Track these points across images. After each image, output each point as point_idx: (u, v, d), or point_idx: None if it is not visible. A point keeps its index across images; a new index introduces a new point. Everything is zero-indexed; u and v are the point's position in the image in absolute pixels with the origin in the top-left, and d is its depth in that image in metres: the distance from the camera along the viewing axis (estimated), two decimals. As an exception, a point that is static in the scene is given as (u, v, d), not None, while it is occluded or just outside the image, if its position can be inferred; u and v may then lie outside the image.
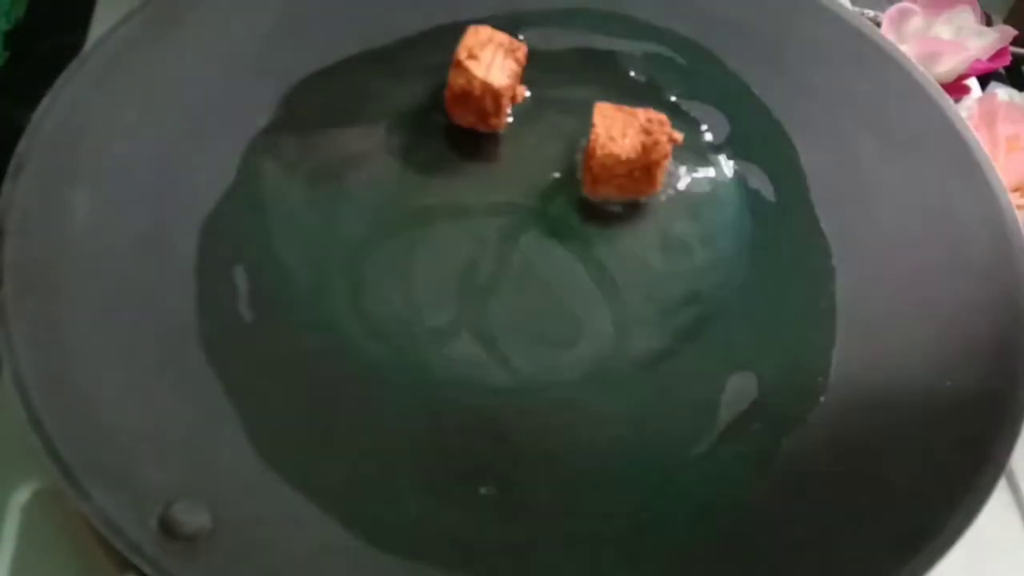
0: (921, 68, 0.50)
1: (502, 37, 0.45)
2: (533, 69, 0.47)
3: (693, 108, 0.48)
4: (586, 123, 0.44)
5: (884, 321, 0.43)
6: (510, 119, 0.46)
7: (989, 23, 0.60)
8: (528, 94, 0.47)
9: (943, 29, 0.57)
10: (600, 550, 0.36)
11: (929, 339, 0.42)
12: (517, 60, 0.45)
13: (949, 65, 0.56)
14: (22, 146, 0.42)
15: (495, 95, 0.45)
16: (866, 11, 0.58)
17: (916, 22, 0.58)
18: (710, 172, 0.47)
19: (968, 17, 0.58)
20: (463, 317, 0.41)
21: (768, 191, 0.46)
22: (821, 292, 0.43)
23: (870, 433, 0.40)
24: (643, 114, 0.44)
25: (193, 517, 0.34)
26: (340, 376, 0.39)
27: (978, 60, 0.56)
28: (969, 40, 0.57)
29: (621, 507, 0.37)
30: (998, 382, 0.41)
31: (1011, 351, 0.41)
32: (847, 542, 0.37)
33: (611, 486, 0.38)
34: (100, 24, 0.51)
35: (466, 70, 0.44)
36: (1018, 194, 0.51)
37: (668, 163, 0.45)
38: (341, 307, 0.41)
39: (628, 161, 0.43)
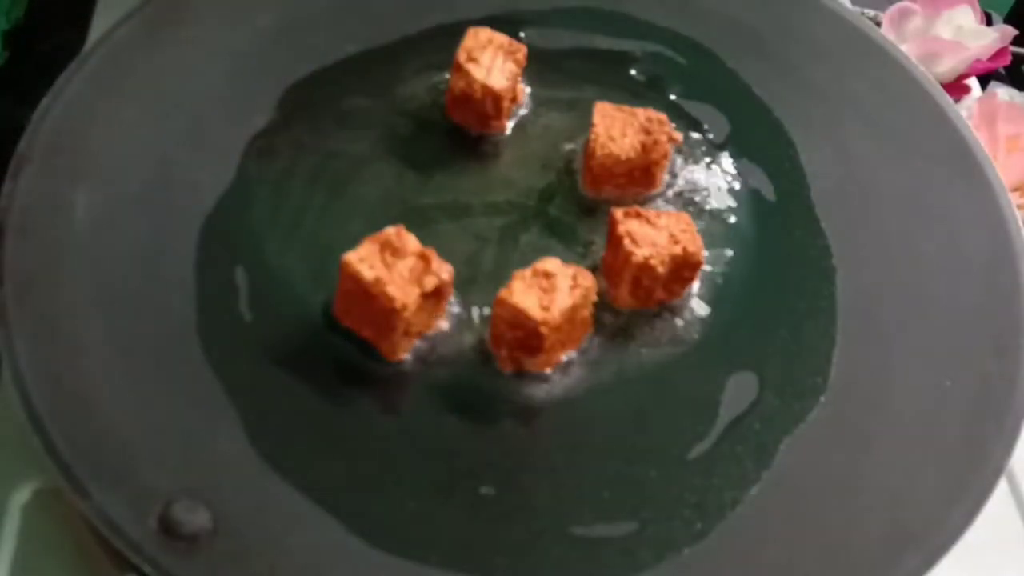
0: (921, 68, 0.50)
1: (502, 39, 0.45)
2: (533, 69, 0.47)
3: (693, 107, 0.48)
4: (586, 123, 0.44)
5: (884, 321, 0.43)
6: (510, 119, 0.46)
7: (989, 23, 0.60)
8: (528, 94, 0.47)
9: (943, 29, 0.57)
10: (600, 550, 0.36)
11: (929, 339, 0.42)
12: (517, 62, 0.45)
13: (949, 65, 0.56)
14: (22, 146, 0.42)
15: (495, 98, 0.45)
16: (866, 11, 0.58)
17: (916, 22, 0.58)
18: (710, 172, 0.47)
19: (968, 17, 0.58)
20: (463, 316, 0.41)
21: (768, 191, 0.46)
22: (821, 292, 0.43)
23: (870, 433, 0.40)
24: (643, 114, 0.44)
25: (193, 517, 0.34)
26: (340, 376, 0.39)
27: (978, 60, 0.56)
28: (969, 40, 0.57)
29: (621, 507, 0.37)
30: (998, 382, 0.41)
31: (1011, 351, 0.41)
32: (847, 542, 0.37)
33: (611, 486, 0.38)
34: (100, 24, 0.51)
35: (466, 73, 0.44)
36: (1018, 194, 0.51)
37: (668, 162, 0.45)
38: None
39: (628, 161, 0.43)
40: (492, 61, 0.45)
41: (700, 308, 0.42)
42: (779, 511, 0.38)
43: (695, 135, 0.47)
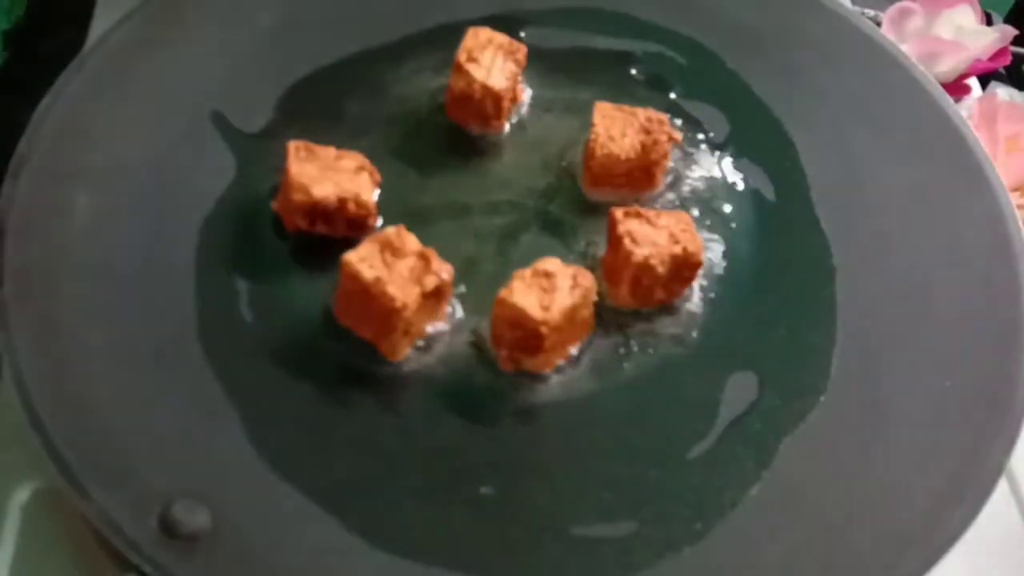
0: (921, 68, 0.50)
1: (502, 39, 0.45)
2: (533, 69, 0.47)
3: (693, 107, 0.48)
4: (586, 123, 0.44)
5: (884, 321, 0.43)
6: (510, 119, 0.46)
7: (989, 23, 0.60)
8: (528, 94, 0.47)
9: (943, 29, 0.57)
10: (600, 550, 0.36)
11: (929, 339, 0.42)
12: (517, 61, 0.45)
13: (949, 65, 0.56)
14: (23, 145, 0.42)
15: (495, 98, 0.45)
16: (866, 11, 0.58)
17: (916, 21, 0.58)
18: (710, 171, 0.47)
19: (968, 17, 0.58)
20: (463, 316, 0.41)
21: (768, 190, 0.46)
22: (821, 292, 0.43)
23: (870, 433, 0.40)
24: (643, 114, 0.44)
25: (193, 517, 0.34)
26: (340, 376, 0.39)
27: (978, 60, 0.56)
28: (969, 40, 0.56)
29: (621, 507, 0.37)
30: (998, 382, 0.41)
31: (1011, 351, 0.41)
32: (847, 542, 0.37)
33: (611, 486, 0.38)
34: (100, 24, 0.51)
35: (466, 73, 0.44)
36: (1018, 194, 0.51)
37: (668, 162, 0.45)
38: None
39: (628, 161, 0.43)
40: (492, 61, 0.45)
41: (700, 308, 0.42)
42: (779, 511, 0.38)
43: (695, 135, 0.47)
